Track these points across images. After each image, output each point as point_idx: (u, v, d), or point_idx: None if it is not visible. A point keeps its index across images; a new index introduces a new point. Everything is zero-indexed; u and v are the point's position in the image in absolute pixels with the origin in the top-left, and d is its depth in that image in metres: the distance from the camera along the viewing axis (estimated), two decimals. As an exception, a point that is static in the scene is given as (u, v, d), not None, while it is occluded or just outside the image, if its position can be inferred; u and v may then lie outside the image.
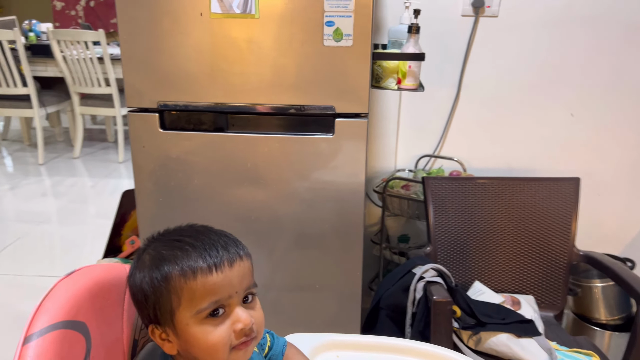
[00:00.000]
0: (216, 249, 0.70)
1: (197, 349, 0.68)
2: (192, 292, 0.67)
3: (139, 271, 0.71)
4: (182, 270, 0.67)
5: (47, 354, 0.61)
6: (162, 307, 0.69)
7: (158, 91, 1.33)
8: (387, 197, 1.94)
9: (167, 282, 0.68)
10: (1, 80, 3.86)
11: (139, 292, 0.71)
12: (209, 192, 1.39)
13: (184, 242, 0.71)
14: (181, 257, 0.68)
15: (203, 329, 0.68)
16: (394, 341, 0.99)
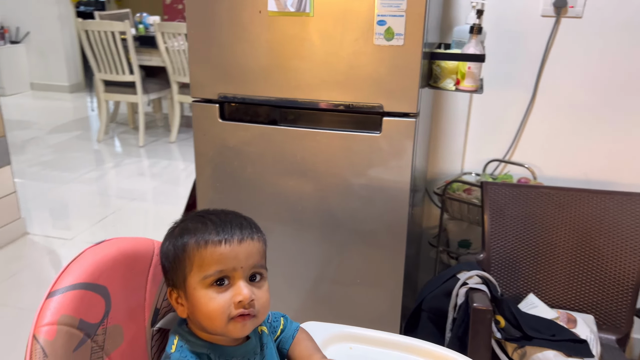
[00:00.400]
0: (231, 226, 0.78)
1: (199, 312, 0.76)
2: (202, 259, 0.75)
3: (167, 240, 0.81)
4: (197, 240, 0.76)
5: (66, 309, 0.70)
6: (178, 271, 0.78)
7: (219, 83, 1.42)
8: (446, 199, 1.91)
9: (184, 249, 0.77)
10: (112, 68, 4.24)
11: (164, 258, 0.81)
12: (260, 181, 1.47)
13: (208, 218, 0.79)
14: (201, 230, 0.77)
15: (207, 293, 0.75)
16: (408, 340, 1.00)
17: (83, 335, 0.72)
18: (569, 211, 1.65)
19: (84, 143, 4.59)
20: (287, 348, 0.91)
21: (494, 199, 1.67)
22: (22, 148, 4.37)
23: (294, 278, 1.53)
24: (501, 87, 1.99)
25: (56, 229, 2.94)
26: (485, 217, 1.67)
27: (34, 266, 2.58)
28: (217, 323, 0.75)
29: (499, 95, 2.00)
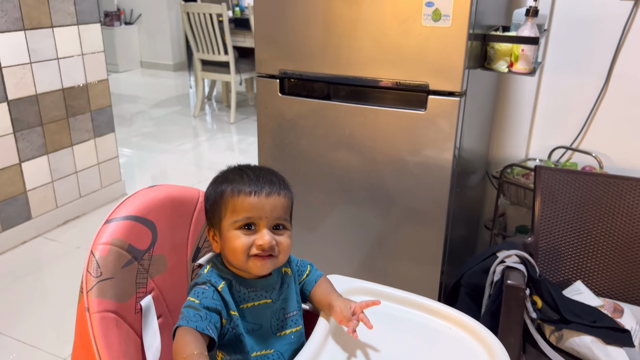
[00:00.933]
0: (262, 181, 0.92)
1: (228, 248, 0.91)
2: (234, 206, 0.90)
3: (211, 186, 0.96)
4: (232, 189, 0.91)
5: (118, 233, 0.87)
6: (215, 213, 0.93)
7: (280, 60, 1.55)
8: (503, 183, 1.92)
9: (222, 195, 0.92)
10: (209, 48, 4.56)
11: (206, 201, 0.96)
12: (313, 153, 1.59)
13: (245, 172, 0.94)
14: (237, 181, 0.92)
15: (235, 234, 0.90)
16: (423, 300, 1.08)
17: (131, 257, 0.89)
18: (625, 200, 1.61)
19: (181, 117, 4.98)
20: (310, 290, 1.04)
21: (547, 184, 1.67)
22: (129, 120, 4.84)
23: (339, 244, 1.65)
24: (571, 73, 1.94)
25: (150, 192, 3.28)
26: (537, 202, 1.67)
27: (129, 223, 2.92)
28: (239, 257, 0.89)
29: (569, 81, 1.95)
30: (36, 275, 2.44)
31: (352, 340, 0.97)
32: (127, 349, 0.82)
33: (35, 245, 2.69)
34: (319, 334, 0.95)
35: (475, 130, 1.73)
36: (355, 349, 0.96)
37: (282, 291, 0.97)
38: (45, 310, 2.18)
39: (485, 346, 0.98)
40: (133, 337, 0.86)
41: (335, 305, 0.97)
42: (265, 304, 0.93)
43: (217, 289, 0.88)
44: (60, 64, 2.69)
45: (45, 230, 2.80)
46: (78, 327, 0.80)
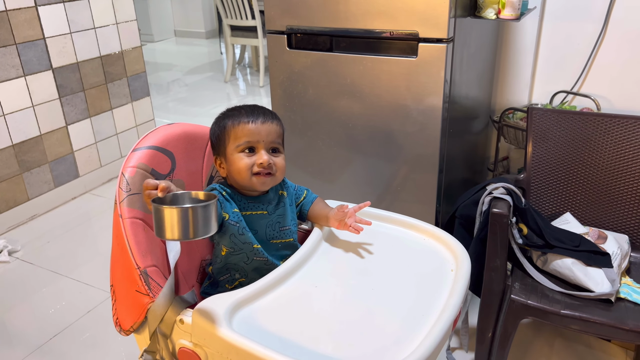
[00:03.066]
0: (257, 112, 1.13)
1: (233, 169, 1.11)
2: (235, 133, 1.10)
3: (214, 123, 1.16)
4: (233, 120, 1.12)
5: (142, 159, 1.08)
6: (220, 142, 1.13)
7: (287, 17, 1.71)
8: (503, 126, 2.04)
9: (224, 127, 1.12)
10: (236, 13, 4.72)
11: (212, 135, 1.16)
12: (319, 101, 1.76)
13: (242, 108, 1.14)
14: (236, 114, 1.12)
15: (239, 156, 1.11)
16: (403, 218, 1.25)
17: (154, 179, 1.09)
18: (611, 136, 1.71)
19: (213, 83, 5.20)
20: (307, 209, 1.24)
21: (539, 124, 1.79)
22: (165, 87, 5.09)
23: (343, 184, 1.83)
24: (571, 19, 2.02)
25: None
26: (529, 141, 1.80)
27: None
28: (244, 175, 1.10)
29: (569, 27, 2.03)
30: (86, 226, 2.74)
31: (339, 249, 1.17)
32: (153, 248, 1.03)
33: (84, 201, 2.98)
34: (311, 240, 1.15)
35: (471, 76, 1.85)
36: (341, 254, 1.15)
37: (278, 207, 1.16)
38: (96, 255, 2.46)
39: (452, 253, 1.15)
40: (158, 241, 1.08)
41: (331, 214, 1.17)
42: (262, 215, 1.14)
43: (222, 193, 1.09)
44: (97, 33, 2.92)
45: (92, 187, 3.10)
46: (114, 230, 1.02)
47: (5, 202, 2.66)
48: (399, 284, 1.05)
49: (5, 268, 2.38)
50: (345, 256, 1.15)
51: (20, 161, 2.70)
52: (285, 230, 1.17)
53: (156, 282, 0.98)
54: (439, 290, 1.03)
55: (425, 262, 1.13)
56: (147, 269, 0.98)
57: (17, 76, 2.61)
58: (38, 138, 2.76)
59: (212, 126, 1.16)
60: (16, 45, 2.57)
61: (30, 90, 2.68)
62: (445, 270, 1.10)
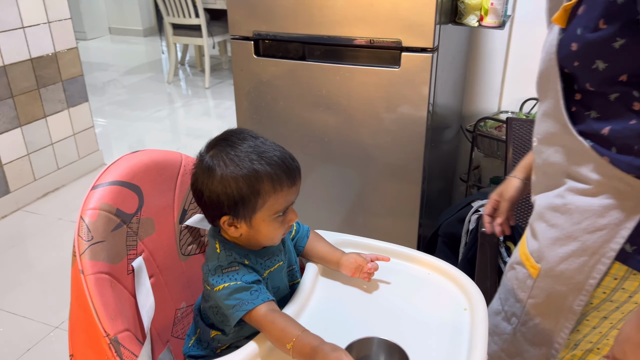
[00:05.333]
0: (294, 169, 0.90)
1: (263, 236, 0.91)
2: (277, 200, 0.88)
3: (235, 181, 0.84)
4: (274, 184, 0.86)
5: (105, 198, 0.89)
6: (248, 206, 0.87)
7: (253, 21, 1.55)
8: (477, 136, 1.97)
9: (260, 192, 0.86)
10: (179, 11, 4.46)
11: (225, 196, 0.85)
12: (290, 114, 1.61)
13: (279, 166, 0.87)
14: (274, 175, 0.86)
15: (273, 225, 0.90)
16: (404, 249, 1.13)
17: (119, 221, 0.91)
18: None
19: (155, 84, 4.90)
20: (304, 245, 1.06)
21: (517, 134, 1.73)
22: (101, 89, 4.75)
23: (320, 202, 1.69)
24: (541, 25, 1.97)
25: (128, 161, 3.27)
26: (509, 152, 1.73)
27: (109, 192, 2.92)
28: (274, 241, 0.93)
29: (538, 34, 1.99)
30: (20, 248, 2.45)
31: (338, 285, 1.03)
32: (123, 308, 0.86)
33: (16, 219, 2.68)
34: (307, 282, 1.01)
35: (448, 85, 1.77)
36: (341, 293, 1.02)
37: (285, 251, 1.01)
38: (32, 281, 2.20)
39: (462, 289, 1.05)
40: (127, 296, 0.90)
41: (345, 260, 1.01)
42: (279, 267, 0.97)
43: (245, 264, 0.90)
44: (26, 33, 2.62)
45: (25, 203, 2.79)
46: (74, 289, 0.83)
47: None
48: (408, 330, 0.93)
49: None
50: (346, 297, 1.01)
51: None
52: (292, 271, 1.03)
53: (129, 351, 0.81)
54: (456, 339, 0.92)
55: (434, 301, 1.02)
56: (118, 336, 0.81)
57: None
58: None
59: (236, 183, 0.85)
60: None
61: None
62: (457, 310, 0.99)
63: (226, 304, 0.86)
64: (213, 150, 0.89)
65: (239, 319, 0.86)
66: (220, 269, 0.89)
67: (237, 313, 0.85)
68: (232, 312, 0.86)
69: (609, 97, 0.78)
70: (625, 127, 0.77)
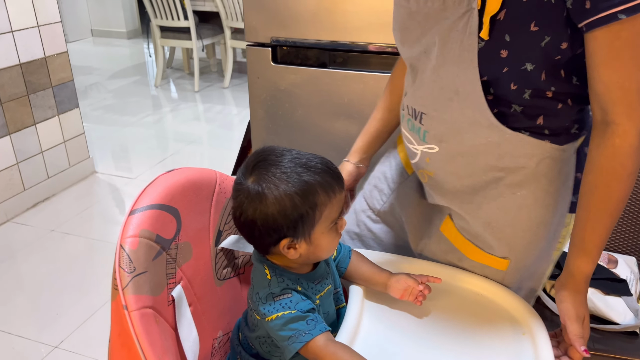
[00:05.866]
0: (338, 172, 0.86)
1: (324, 250, 0.86)
2: (331, 208, 0.83)
3: (291, 199, 0.80)
4: (327, 192, 0.82)
5: (145, 224, 0.82)
6: (307, 223, 0.82)
7: (272, 27, 1.49)
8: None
9: (317, 204, 0.81)
10: (167, 14, 4.35)
11: (290, 213, 0.80)
12: (309, 123, 1.55)
13: (320, 168, 0.83)
14: (324, 182, 0.82)
15: (331, 235, 0.85)
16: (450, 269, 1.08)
17: (159, 248, 0.84)
18: (617, 155, 1.65)
19: (142, 88, 4.78)
20: (345, 267, 1.00)
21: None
22: (85, 93, 4.61)
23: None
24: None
25: (120, 169, 3.16)
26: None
27: (103, 202, 2.81)
28: (332, 252, 0.89)
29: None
30: (9, 263, 2.33)
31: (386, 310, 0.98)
32: (168, 344, 0.79)
33: (5, 231, 2.56)
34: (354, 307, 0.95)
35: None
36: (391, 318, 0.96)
37: (331, 273, 0.95)
38: (23, 297, 2.09)
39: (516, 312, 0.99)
40: (169, 330, 0.83)
41: (394, 282, 0.96)
42: (329, 291, 0.91)
43: (297, 290, 0.84)
44: (15, 37, 2.50)
45: (14, 214, 2.67)
46: (115, 326, 0.76)
47: None
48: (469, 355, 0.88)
49: None
50: (396, 322, 0.96)
51: None
52: (337, 294, 0.96)
53: (180, 393, 0.74)
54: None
55: (490, 325, 0.96)
56: (168, 377, 0.74)
57: None
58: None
59: (285, 201, 0.80)
60: None
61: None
62: (516, 335, 0.94)
63: (281, 335, 0.81)
64: (254, 175, 0.83)
65: (296, 351, 0.79)
66: (272, 296, 0.83)
67: (294, 345, 0.79)
68: (288, 344, 0.80)
69: (525, 92, 0.83)
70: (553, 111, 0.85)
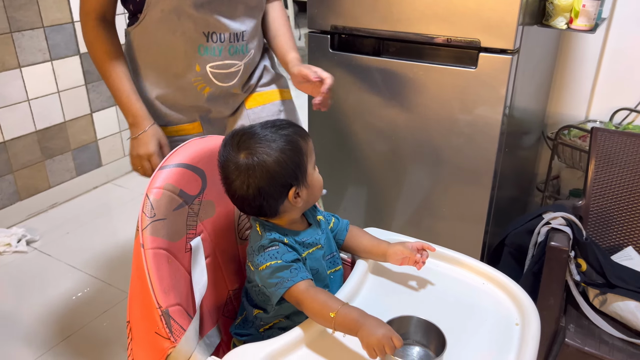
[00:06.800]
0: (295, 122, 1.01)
1: (317, 189, 0.98)
2: (311, 150, 0.96)
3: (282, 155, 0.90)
4: (303, 138, 0.95)
5: (170, 179, 0.95)
6: (300, 168, 0.93)
7: (331, 16, 1.56)
8: (558, 144, 1.87)
9: (301, 149, 0.94)
10: (269, 3, 4.57)
11: (288, 164, 0.91)
12: (360, 110, 1.61)
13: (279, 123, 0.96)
14: (299, 133, 0.95)
15: (316, 174, 0.98)
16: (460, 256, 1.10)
17: (182, 201, 0.97)
18: (689, 166, 1.54)
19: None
20: (343, 238, 1.09)
21: (603, 146, 1.62)
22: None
23: (386, 201, 1.68)
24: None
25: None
26: (591, 164, 1.63)
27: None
28: (321, 191, 1.00)
29: (637, 39, 1.84)
30: (106, 218, 2.65)
31: (388, 285, 1.03)
32: (177, 283, 0.91)
33: (105, 191, 2.89)
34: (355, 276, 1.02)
35: (530, 89, 1.69)
36: (390, 294, 1.02)
37: (324, 235, 1.03)
38: (116, 251, 2.37)
39: (516, 302, 1.00)
40: (183, 273, 0.95)
41: (391, 251, 1.02)
42: (318, 250, 1.00)
43: (284, 243, 0.93)
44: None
45: (114, 177, 3.01)
46: (134, 261, 0.89)
47: (26, 189, 2.58)
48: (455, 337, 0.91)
49: (23, 258, 2.31)
50: (394, 297, 1.01)
51: (43, 148, 2.61)
52: (333, 258, 1.04)
53: (179, 325, 0.86)
54: (504, 354, 0.88)
55: (486, 312, 0.99)
56: (170, 309, 0.86)
57: (44, 60, 2.51)
58: (62, 125, 2.67)
59: (282, 157, 0.91)
60: (44, 29, 2.47)
61: (56, 75, 2.58)
62: (508, 324, 0.96)
63: (269, 282, 0.90)
64: (243, 151, 0.92)
65: (280, 296, 0.88)
66: (262, 248, 0.93)
67: (278, 291, 0.88)
68: (273, 291, 0.89)
69: None
70: None
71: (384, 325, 0.80)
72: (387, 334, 0.78)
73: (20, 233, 2.40)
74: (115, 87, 1.22)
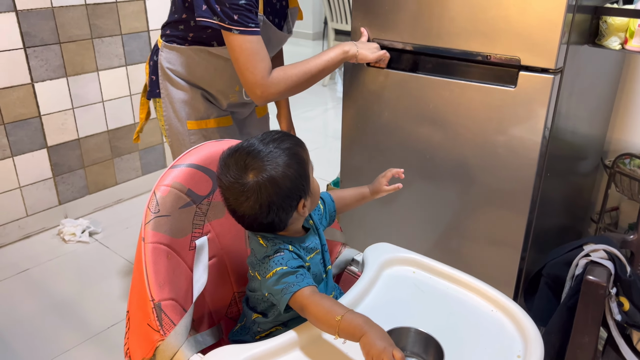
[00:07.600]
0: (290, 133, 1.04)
1: (317, 194, 1.00)
2: (308, 158, 0.97)
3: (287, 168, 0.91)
4: (301, 147, 0.96)
5: (179, 178, 0.99)
6: (305, 178, 0.94)
7: (372, 29, 1.56)
8: (615, 173, 1.74)
9: (304, 160, 0.95)
10: (342, 17, 4.63)
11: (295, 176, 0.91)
12: (394, 126, 1.59)
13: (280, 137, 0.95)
14: (297, 143, 0.96)
15: (314, 179, 0.99)
16: (466, 277, 1.06)
17: (189, 200, 1.00)
18: None
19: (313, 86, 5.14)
20: (334, 209, 1.14)
21: (661, 178, 1.49)
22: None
23: (414, 220, 1.64)
24: None
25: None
26: (647, 196, 1.50)
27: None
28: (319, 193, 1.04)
29: None
30: (164, 216, 2.77)
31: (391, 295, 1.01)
32: (175, 279, 0.94)
33: (167, 191, 3.03)
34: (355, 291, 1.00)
35: (581, 111, 1.59)
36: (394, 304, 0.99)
37: (319, 237, 1.03)
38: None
39: (522, 333, 0.95)
40: (184, 270, 0.98)
41: (371, 189, 1.16)
42: (317, 254, 1.01)
43: (289, 250, 0.94)
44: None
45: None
46: (136, 253, 0.94)
47: (95, 184, 2.77)
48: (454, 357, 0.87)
49: (85, 248, 2.47)
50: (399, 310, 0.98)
51: (113, 147, 2.80)
52: (325, 261, 1.05)
53: (169, 319, 0.89)
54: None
55: (488, 341, 0.94)
56: (162, 303, 0.89)
57: (120, 65, 2.70)
58: (132, 126, 2.84)
59: (290, 171, 0.91)
60: (122, 36, 2.66)
61: (129, 80, 2.76)
62: (510, 356, 0.90)
63: (275, 289, 0.90)
64: (251, 171, 0.90)
65: (287, 302, 0.88)
66: (267, 258, 0.93)
67: (285, 296, 0.88)
68: (280, 297, 0.89)
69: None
70: None
71: (388, 338, 0.79)
72: (389, 348, 0.77)
73: (85, 224, 2.58)
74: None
